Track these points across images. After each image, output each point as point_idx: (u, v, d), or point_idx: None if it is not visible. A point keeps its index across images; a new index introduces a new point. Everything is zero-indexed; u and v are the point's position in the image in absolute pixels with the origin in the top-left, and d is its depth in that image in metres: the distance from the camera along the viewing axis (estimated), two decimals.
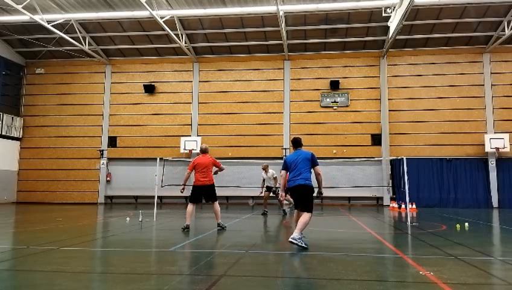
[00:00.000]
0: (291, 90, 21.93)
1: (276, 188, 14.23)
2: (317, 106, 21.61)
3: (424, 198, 19.85)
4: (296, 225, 6.55)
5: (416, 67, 21.36)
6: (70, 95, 23.40)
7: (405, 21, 17.17)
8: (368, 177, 20.63)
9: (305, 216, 6.49)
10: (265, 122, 21.81)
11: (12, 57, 23.12)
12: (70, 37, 20.14)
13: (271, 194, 14.45)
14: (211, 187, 9.00)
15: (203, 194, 9.03)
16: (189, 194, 9.13)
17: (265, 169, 14.24)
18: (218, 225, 9.08)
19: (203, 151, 9.21)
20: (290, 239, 6.31)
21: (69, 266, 4.93)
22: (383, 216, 14.16)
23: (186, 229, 8.70)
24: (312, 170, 6.80)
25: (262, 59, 22.38)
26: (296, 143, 7.12)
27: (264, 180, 14.41)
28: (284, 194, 7.02)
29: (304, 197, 6.65)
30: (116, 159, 22.60)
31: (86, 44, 21.26)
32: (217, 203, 9.09)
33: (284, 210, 14.06)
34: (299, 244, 6.23)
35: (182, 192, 9.24)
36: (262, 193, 14.59)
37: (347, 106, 21.39)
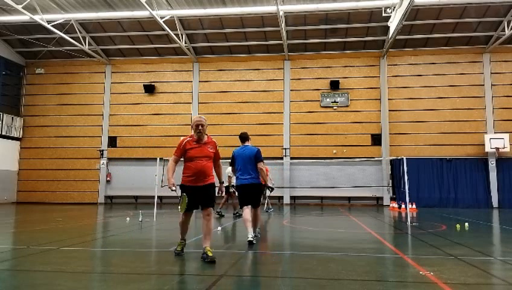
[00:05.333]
0: (291, 90, 21.93)
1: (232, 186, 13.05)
2: (317, 106, 21.61)
3: (424, 198, 19.85)
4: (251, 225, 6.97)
5: (416, 67, 21.36)
6: (70, 95, 23.40)
7: (405, 21, 17.18)
8: (368, 177, 20.63)
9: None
10: (265, 122, 21.81)
11: (12, 57, 23.12)
12: (70, 37, 20.14)
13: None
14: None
15: None
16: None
17: None
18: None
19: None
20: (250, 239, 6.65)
21: (69, 266, 4.93)
22: (383, 216, 14.15)
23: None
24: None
25: (262, 59, 22.38)
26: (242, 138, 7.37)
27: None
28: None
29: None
30: (116, 159, 22.60)
31: (86, 44, 21.26)
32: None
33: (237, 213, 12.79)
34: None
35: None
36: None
37: (347, 106, 21.39)
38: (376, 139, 21.05)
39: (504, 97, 20.52)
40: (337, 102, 21.45)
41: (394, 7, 16.76)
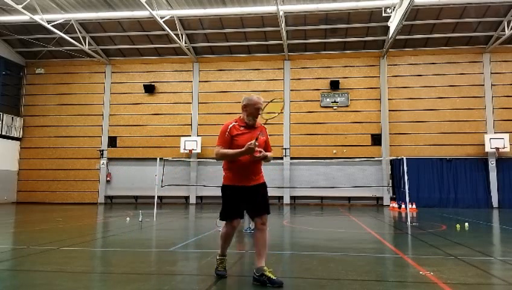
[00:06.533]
0: (291, 90, 21.92)
1: None
2: (317, 106, 21.61)
3: (424, 198, 19.84)
4: None
5: (416, 67, 21.36)
6: (70, 95, 23.40)
7: (405, 21, 17.16)
8: (368, 177, 20.63)
9: None
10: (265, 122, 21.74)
11: (12, 57, 23.12)
12: (70, 37, 20.14)
13: None
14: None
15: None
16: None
17: None
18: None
19: None
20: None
21: (69, 266, 4.93)
22: (383, 216, 14.15)
23: None
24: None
25: (262, 59, 22.38)
26: None
27: None
28: None
29: None
30: (116, 159, 22.60)
31: (86, 44, 21.25)
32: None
33: None
34: None
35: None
36: None
37: (347, 106, 21.39)
38: (376, 139, 21.05)
39: (504, 97, 20.52)
40: (337, 102, 21.45)
41: (394, 7, 16.76)
